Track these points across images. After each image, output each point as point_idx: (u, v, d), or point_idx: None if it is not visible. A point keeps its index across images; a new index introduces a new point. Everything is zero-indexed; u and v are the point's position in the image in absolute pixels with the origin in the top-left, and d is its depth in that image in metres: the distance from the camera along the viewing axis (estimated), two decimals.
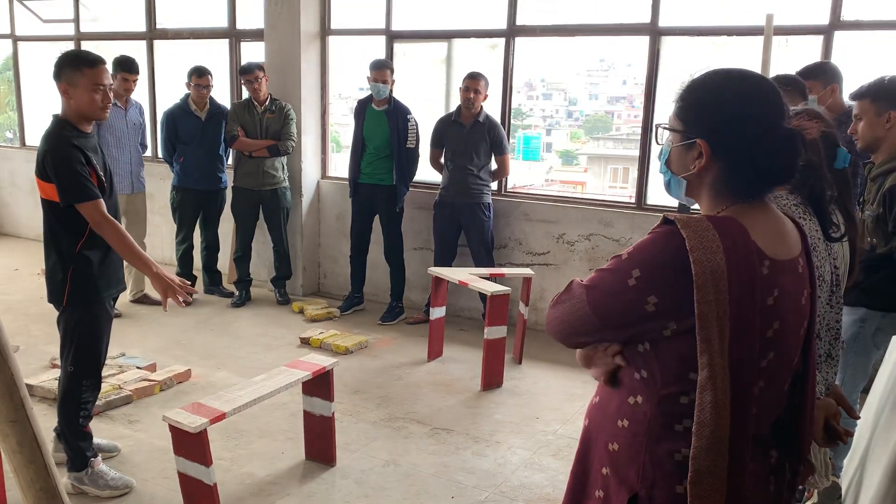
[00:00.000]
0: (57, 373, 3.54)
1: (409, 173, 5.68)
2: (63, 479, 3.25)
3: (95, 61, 3.08)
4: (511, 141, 5.85)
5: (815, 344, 1.52)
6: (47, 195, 3.06)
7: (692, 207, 1.68)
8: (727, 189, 1.43)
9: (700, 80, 1.46)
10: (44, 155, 3.02)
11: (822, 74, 3.73)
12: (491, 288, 4.61)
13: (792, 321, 1.42)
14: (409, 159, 5.66)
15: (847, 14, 4.58)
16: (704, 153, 1.41)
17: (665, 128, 1.51)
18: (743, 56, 5.05)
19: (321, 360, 3.52)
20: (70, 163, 2.98)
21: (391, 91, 5.59)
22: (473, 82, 5.31)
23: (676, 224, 1.34)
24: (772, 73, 3.59)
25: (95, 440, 3.47)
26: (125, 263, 6.01)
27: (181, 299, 3.05)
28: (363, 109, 5.70)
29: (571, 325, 1.48)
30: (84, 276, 3.12)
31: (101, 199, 3.06)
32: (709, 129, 1.41)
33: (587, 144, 19.12)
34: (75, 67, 3.03)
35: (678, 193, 1.52)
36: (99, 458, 3.33)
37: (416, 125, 5.64)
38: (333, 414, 3.53)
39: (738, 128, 1.39)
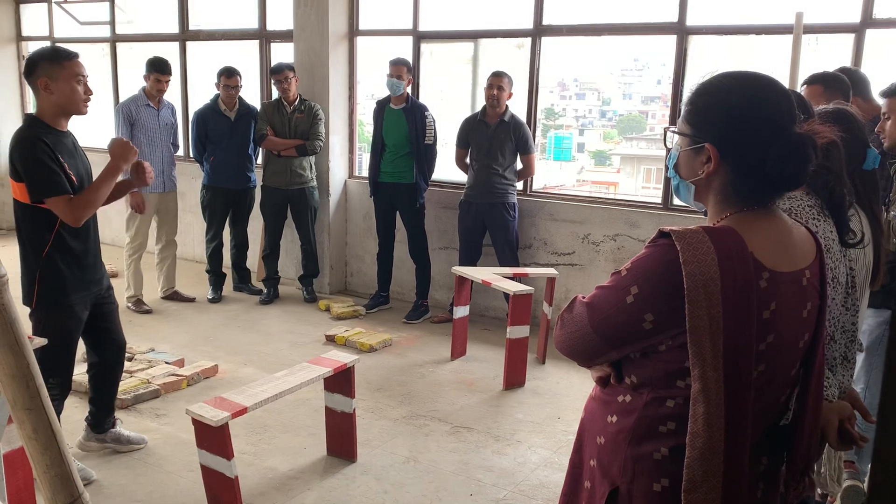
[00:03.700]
0: (86, 367, 3.62)
1: (428, 169, 5.74)
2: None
3: (72, 54, 3.04)
4: (542, 141, 5.84)
5: (821, 357, 1.49)
6: (17, 196, 3.01)
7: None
8: (734, 194, 1.41)
9: (709, 83, 1.43)
10: (11, 152, 2.98)
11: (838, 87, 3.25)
12: (513, 287, 4.62)
13: (789, 334, 1.40)
14: (428, 156, 5.71)
15: (879, 12, 4.50)
16: (713, 158, 1.40)
17: (673, 132, 1.49)
18: (772, 55, 4.98)
19: (342, 357, 3.55)
20: (37, 155, 2.91)
21: (409, 90, 5.67)
22: (497, 80, 5.31)
23: (672, 237, 1.34)
24: (801, 73, 3.52)
25: (124, 432, 3.55)
26: (162, 262, 6.08)
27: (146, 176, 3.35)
28: (382, 110, 5.77)
29: (579, 350, 1.50)
30: (52, 280, 3.08)
31: (72, 194, 3.00)
32: (717, 133, 1.40)
33: (620, 144, 18.96)
34: (54, 61, 2.98)
35: (687, 198, 1.51)
36: None
37: (434, 122, 5.68)
38: (355, 410, 3.57)
39: (746, 132, 1.37)
